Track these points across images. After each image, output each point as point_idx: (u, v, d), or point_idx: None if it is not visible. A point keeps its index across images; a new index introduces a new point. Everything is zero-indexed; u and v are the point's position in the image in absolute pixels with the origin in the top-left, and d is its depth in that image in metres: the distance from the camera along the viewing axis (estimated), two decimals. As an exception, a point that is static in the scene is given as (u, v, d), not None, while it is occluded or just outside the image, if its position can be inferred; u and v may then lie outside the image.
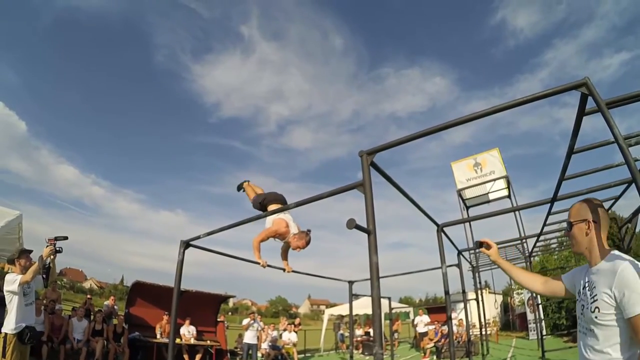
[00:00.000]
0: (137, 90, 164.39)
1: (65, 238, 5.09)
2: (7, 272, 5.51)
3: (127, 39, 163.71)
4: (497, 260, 2.74)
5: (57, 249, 5.02)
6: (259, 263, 5.09)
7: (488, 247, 2.76)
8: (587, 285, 2.06)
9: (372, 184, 2.48)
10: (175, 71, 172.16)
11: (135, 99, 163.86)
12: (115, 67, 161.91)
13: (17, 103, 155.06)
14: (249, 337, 12.70)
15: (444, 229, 4.74)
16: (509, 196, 19.08)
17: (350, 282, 7.87)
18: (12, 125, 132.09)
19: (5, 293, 4.97)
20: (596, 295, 1.95)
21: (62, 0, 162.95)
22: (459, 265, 6.13)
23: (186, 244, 4.31)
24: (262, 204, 5.45)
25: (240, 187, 6.23)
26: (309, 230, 5.18)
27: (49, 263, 5.20)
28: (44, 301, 10.73)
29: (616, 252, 1.99)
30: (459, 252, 6.13)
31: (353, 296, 8.16)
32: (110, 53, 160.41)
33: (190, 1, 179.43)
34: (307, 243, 5.23)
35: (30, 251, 5.36)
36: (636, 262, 1.86)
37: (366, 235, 2.39)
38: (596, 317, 1.92)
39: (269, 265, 5.15)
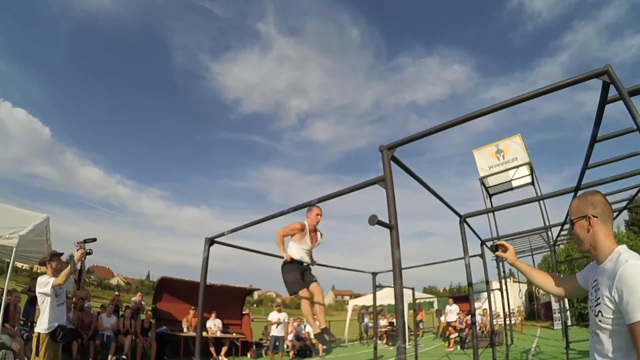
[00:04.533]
0: (157, 90, 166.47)
1: (94, 240, 5.17)
2: (36, 272, 5.69)
3: (145, 42, 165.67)
4: (515, 263, 2.63)
5: (87, 251, 5.12)
6: (283, 257, 5.15)
7: (505, 250, 2.62)
8: (594, 285, 1.99)
9: (392, 178, 2.49)
10: (194, 71, 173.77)
11: (155, 99, 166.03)
12: (135, 69, 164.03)
13: (39, 110, 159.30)
14: (277, 330, 12.85)
15: (467, 219, 4.73)
16: (532, 183, 18.79)
17: (374, 274, 7.89)
18: (36, 131, 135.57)
19: (37, 295, 5.11)
20: (599, 298, 1.88)
21: (79, 9, 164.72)
22: (482, 256, 6.09)
23: (211, 241, 4.38)
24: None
25: None
26: (316, 206, 5.30)
27: (80, 265, 5.34)
28: (74, 299, 11.00)
29: (622, 248, 1.89)
30: (482, 242, 6.09)
31: (377, 287, 8.19)
32: (129, 56, 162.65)
33: (205, 2, 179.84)
34: (318, 215, 5.42)
35: (61, 254, 5.50)
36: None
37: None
38: (600, 321, 1.85)
39: (292, 259, 5.20)
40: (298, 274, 5.19)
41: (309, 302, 5.05)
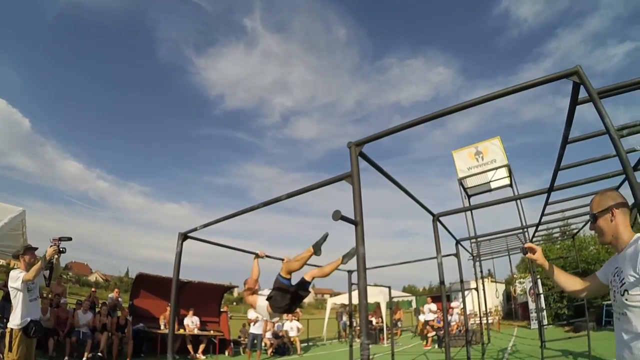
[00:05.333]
0: (140, 84, 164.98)
1: (69, 239, 5.17)
2: (12, 268, 5.58)
3: (130, 33, 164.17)
4: (544, 264, 2.63)
5: (61, 249, 5.10)
6: (257, 253, 5.14)
7: (534, 252, 2.65)
8: (615, 271, 2.12)
9: (359, 174, 2.48)
10: (178, 64, 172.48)
11: (138, 93, 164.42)
12: (118, 61, 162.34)
13: (20, 101, 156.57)
14: (255, 328, 12.82)
15: (441, 218, 4.76)
16: (510, 185, 19.02)
17: (350, 272, 7.92)
18: (16, 123, 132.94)
19: (10, 289, 5.05)
20: (623, 279, 2.00)
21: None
22: (457, 255, 6.14)
23: (184, 236, 4.34)
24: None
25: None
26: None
27: (53, 262, 5.27)
28: (49, 296, 10.82)
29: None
30: (458, 242, 6.14)
31: (354, 285, 8.22)
32: (113, 48, 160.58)
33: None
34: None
35: (36, 248, 5.41)
36: None
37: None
38: (626, 300, 1.96)
39: (267, 256, 5.21)
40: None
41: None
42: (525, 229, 10.31)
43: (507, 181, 19.03)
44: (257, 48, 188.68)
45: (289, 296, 4.73)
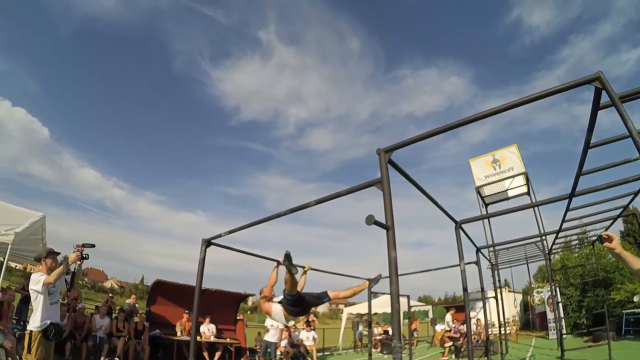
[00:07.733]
0: (157, 95, 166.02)
1: (93, 246, 5.24)
2: (30, 272, 5.67)
3: (146, 46, 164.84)
4: (622, 253, 2.60)
5: (84, 255, 5.16)
6: (278, 261, 5.18)
7: (610, 240, 2.58)
8: None
9: (389, 180, 2.51)
10: (194, 76, 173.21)
11: (155, 104, 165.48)
12: (135, 73, 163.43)
13: (39, 110, 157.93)
14: (269, 336, 12.80)
15: (462, 225, 4.76)
16: (528, 193, 18.85)
17: (370, 280, 7.91)
18: (35, 131, 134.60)
19: (30, 291, 5.12)
20: None
21: (80, 11, 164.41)
22: (477, 263, 6.12)
23: (208, 243, 4.40)
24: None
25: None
26: None
27: (75, 268, 5.35)
28: (66, 300, 10.94)
29: None
30: (478, 250, 6.12)
31: (372, 294, 8.21)
32: (130, 59, 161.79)
33: (208, 9, 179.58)
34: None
35: (58, 253, 5.49)
36: None
37: (384, 232, 2.43)
38: None
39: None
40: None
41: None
42: (544, 237, 10.23)
43: (524, 189, 18.88)
44: (272, 60, 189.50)
45: (301, 305, 5.08)
